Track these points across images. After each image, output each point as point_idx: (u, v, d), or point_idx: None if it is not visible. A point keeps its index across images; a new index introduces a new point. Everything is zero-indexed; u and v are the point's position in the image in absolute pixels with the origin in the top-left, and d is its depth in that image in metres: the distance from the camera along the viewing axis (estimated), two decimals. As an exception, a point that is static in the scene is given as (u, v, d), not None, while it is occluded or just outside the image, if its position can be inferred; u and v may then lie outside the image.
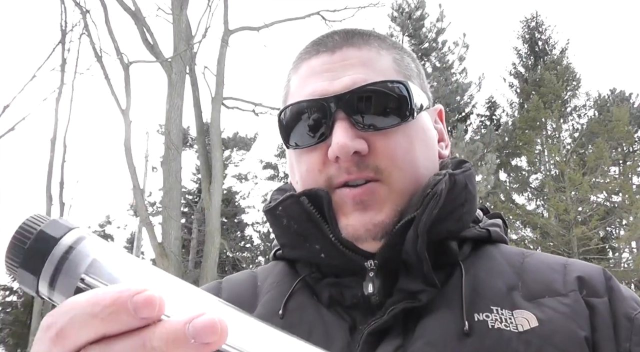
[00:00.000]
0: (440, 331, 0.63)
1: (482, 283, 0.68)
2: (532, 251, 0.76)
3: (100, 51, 11.48)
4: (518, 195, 21.55)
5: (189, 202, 24.34)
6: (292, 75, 0.80)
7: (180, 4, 12.12)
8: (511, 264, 0.72)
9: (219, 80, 12.27)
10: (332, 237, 0.69)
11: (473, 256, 0.73)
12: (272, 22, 13.34)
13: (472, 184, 0.73)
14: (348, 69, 0.72)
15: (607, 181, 19.08)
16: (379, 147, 0.70)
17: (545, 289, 0.68)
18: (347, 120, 0.69)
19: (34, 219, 0.40)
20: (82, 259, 0.38)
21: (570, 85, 22.47)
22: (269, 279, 0.78)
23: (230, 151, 25.86)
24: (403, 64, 0.78)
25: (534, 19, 25.56)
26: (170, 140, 11.02)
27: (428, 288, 0.67)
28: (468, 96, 19.47)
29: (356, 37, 0.77)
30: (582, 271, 0.70)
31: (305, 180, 0.73)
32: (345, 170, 0.69)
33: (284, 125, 0.75)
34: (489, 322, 0.63)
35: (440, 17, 19.45)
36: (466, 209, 0.73)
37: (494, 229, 0.77)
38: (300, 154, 0.74)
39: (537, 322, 0.63)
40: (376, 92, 0.71)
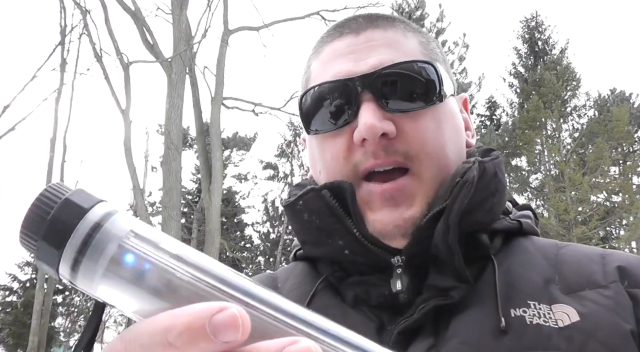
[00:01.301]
0: (475, 329, 0.60)
1: (517, 277, 0.64)
2: (566, 242, 0.73)
3: (100, 51, 11.49)
4: (518, 195, 21.55)
5: (189, 202, 24.34)
6: (313, 60, 0.76)
7: (180, 4, 12.12)
8: (546, 256, 0.68)
9: (218, 80, 12.27)
10: (357, 232, 0.65)
11: (505, 249, 0.69)
12: (271, 22, 13.34)
13: (501, 173, 0.69)
14: (373, 50, 0.69)
15: (607, 181, 19.09)
16: (407, 130, 0.66)
17: (584, 281, 0.63)
18: (374, 102, 0.66)
19: (57, 187, 0.33)
20: (110, 240, 0.32)
21: (570, 85, 22.48)
22: (290, 280, 0.75)
23: (230, 151, 25.87)
24: (429, 47, 0.74)
25: (534, 19, 25.57)
26: (170, 140, 11.02)
27: (460, 284, 0.63)
28: (468, 96, 19.47)
29: (380, 20, 0.74)
30: (622, 260, 0.66)
31: (329, 168, 0.69)
32: (372, 154, 0.65)
33: (305, 110, 0.71)
34: (526, 317, 0.59)
35: (440, 17, 19.47)
36: (497, 199, 0.69)
37: (525, 221, 0.73)
38: (323, 140, 0.70)
39: (578, 316, 0.59)
40: (404, 73, 0.67)
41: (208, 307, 0.29)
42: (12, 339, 22.00)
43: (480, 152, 0.74)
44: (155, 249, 0.32)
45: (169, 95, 11.41)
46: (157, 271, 0.32)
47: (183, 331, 0.28)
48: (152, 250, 0.32)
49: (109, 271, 0.32)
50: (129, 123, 10.72)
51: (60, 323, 26.89)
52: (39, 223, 0.32)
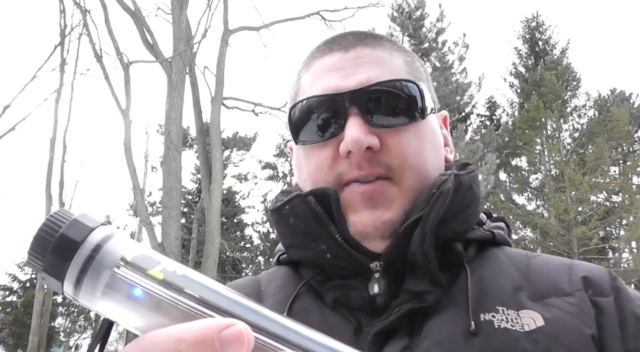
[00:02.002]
0: (447, 331, 0.63)
1: (488, 284, 0.68)
2: (536, 253, 0.76)
3: (100, 51, 11.48)
4: (518, 195, 21.56)
5: (189, 202, 24.33)
6: (303, 73, 0.80)
7: (180, 4, 12.12)
8: (516, 265, 0.72)
9: (218, 80, 12.27)
10: (339, 237, 0.69)
11: (478, 258, 0.73)
12: (271, 22, 13.34)
13: (476, 186, 0.73)
14: (361, 67, 0.73)
15: (607, 181, 19.08)
16: (390, 144, 0.70)
17: (551, 289, 0.68)
18: (360, 116, 0.69)
19: (55, 218, 0.37)
20: (110, 260, 0.36)
21: (570, 85, 22.48)
22: (273, 284, 0.78)
23: (230, 151, 25.86)
24: (414, 66, 0.79)
25: (535, 19, 25.58)
26: (170, 140, 11.02)
27: (434, 289, 0.66)
28: (468, 96, 19.46)
29: (369, 38, 0.78)
30: (587, 271, 0.70)
31: (314, 177, 0.73)
32: (357, 165, 0.69)
33: (294, 121, 0.74)
34: (495, 322, 0.63)
35: (440, 17, 19.46)
36: (471, 210, 0.73)
37: (498, 232, 0.77)
38: (309, 150, 0.74)
39: (543, 321, 0.63)
40: (389, 91, 0.71)
41: (218, 323, 0.32)
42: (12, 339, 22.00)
43: (457, 166, 0.77)
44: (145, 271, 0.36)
45: (169, 95, 11.41)
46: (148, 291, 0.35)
47: (194, 343, 0.31)
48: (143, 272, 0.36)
49: (108, 289, 0.35)
50: (129, 123, 10.72)
51: (60, 323, 26.87)
52: (43, 249, 0.36)
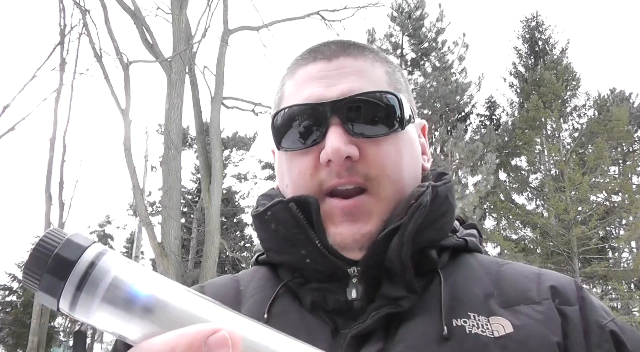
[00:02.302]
0: (420, 336, 0.66)
1: (461, 290, 0.71)
2: (507, 261, 0.80)
3: (100, 51, 11.48)
4: (518, 195, 21.55)
5: (189, 202, 24.33)
6: (287, 80, 0.82)
7: (180, 4, 12.12)
8: (488, 272, 0.75)
9: (218, 80, 12.27)
10: (319, 243, 0.71)
11: (451, 265, 0.76)
12: (271, 22, 13.35)
13: (452, 196, 0.77)
14: (344, 77, 0.75)
15: (607, 181, 19.08)
16: (370, 155, 0.72)
17: (520, 297, 0.71)
18: (341, 126, 0.71)
19: (49, 238, 0.39)
20: (104, 276, 0.38)
21: (570, 85, 22.47)
22: (252, 284, 0.80)
23: (230, 151, 25.86)
24: (394, 77, 0.81)
25: (535, 19, 25.57)
26: (170, 140, 11.02)
27: (409, 295, 0.69)
28: (468, 96, 19.44)
29: (352, 48, 0.80)
30: (555, 280, 0.74)
31: (296, 184, 0.75)
32: (337, 174, 0.71)
33: (277, 128, 0.77)
34: (467, 327, 0.66)
35: (440, 17, 19.45)
36: (447, 220, 0.76)
37: (470, 239, 0.80)
38: (292, 157, 0.76)
39: (512, 328, 0.66)
40: (370, 102, 0.73)
41: (205, 330, 0.36)
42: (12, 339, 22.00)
43: (434, 175, 0.81)
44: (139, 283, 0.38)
45: (169, 95, 11.41)
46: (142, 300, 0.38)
47: (185, 350, 0.35)
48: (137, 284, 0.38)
49: (103, 303, 0.37)
50: (129, 123, 10.71)
51: (60, 323, 26.86)
52: (39, 268, 0.37)
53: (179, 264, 10.32)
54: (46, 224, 15.58)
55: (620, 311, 16.96)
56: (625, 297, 17.38)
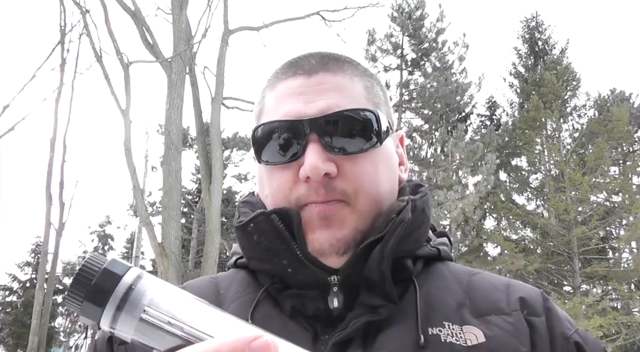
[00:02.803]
0: (398, 344, 0.69)
1: (435, 299, 0.74)
2: (477, 270, 0.83)
3: (100, 51, 11.47)
4: (518, 195, 21.54)
5: (189, 202, 24.33)
6: (268, 93, 0.83)
7: (180, 4, 12.11)
8: (459, 281, 0.78)
9: (218, 80, 12.27)
10: (300, 253, 0.73)
11: (425, 273, 0.79)
12: (271, 22, 13.34)
13: (428, 208, 0.80)
14: (323, 94, 0.76)
15: (607, 181, 19.06)
16: (347, 171, 0.74)
17: (491, 307, 0.74)
18: (319, 143, 0.73)
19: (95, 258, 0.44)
20: (142, 297, 0.42)
21: (570, 85, 22.46)
22: (233, 288, 0.82)
23: (230, 151, 25.85)
24: (373, 92, 0.82)
25: (534, 19, 25.57)
26: (170, 140, 11.01)
27: (387, 303, 0.71)
28: (468, 96, 19.44)
29: (331, 63, 0.81)
30: (523, 292, 0.77)
31: (275, 197, 0.77)
32: (315, 191, 0.73)
33: (257, 141, 0.78)
34: (441, 336, 0.69)
35: (440, 17, 19.44)
36: (422, 231, 0.80)
37: (442, 248, 0.83)
38: (271, 170, 0.78)
39: (484, 337, 0.69)
40: (348, 119, 0.75)
41: (248, 335, 0.39)
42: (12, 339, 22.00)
43: (410, 187, 0.84)
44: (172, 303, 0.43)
45: (169, 95, 11.40)
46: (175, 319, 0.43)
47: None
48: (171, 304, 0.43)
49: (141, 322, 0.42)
50: (129, 123, 10.71)
51: (60, 323, 26.87)
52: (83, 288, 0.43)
53: (179, 264, 10.32)
54: (46, 224, 15.58)
55: (620, 311, 16.94)
56: (625, 297, 17.36)
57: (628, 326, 15.58)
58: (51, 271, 16.22)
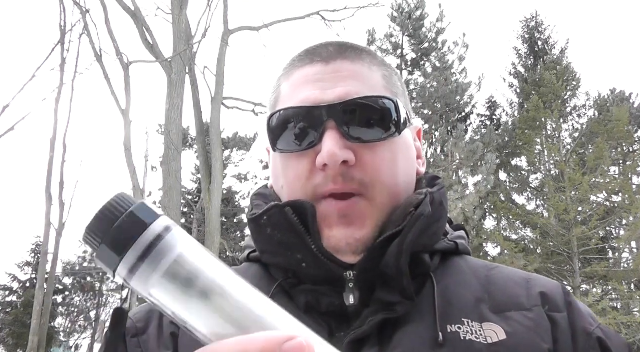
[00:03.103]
0: (415, 341, 0.67)
1: (453, 295, 0.72)
2: (495, 264, 0.81)
3: (100, 51, 11.48)
4: (518, 195, 21.53)
5: (189, 202, 24.33)
6: (283, 81, 0.81)
7: (180, 4, 12.12)
8: (477, 276, 0.76)
9: (218, 80, 12.27)
10: (314, 248, 0.71)
11: (442, 268, 0.77)
12: (271, 22, 13.35)
13: (445, 201, 0.78)
14: (341, 81, 0.74)
15: (607, 181, 19.06)
16: (365, 160, 0.72)
17: (511, 303, 0.72)
18: (337, 130, 0.71)
19: (122, 199, 0.38)
20: (170, 251, 0.37)
21: (570, 85, 22.46)
22: None
23: (230, 151, 25.85)
24: (391, 81, 0.80)
25: (534, 19, 25.56)
26: (170, 140, 11.01)
27: (404, 300, 0.69)
28: (468, 96, 19.43)
29: (350, 51, 0.79)
30: (544, 286, 0.75)
31: (291, 187, 0.75)
32: (332, 179, 0.71)
33: (273, 129, 0.76)
34: (461, 333, 0.67)
35: (440, 17, 19.44)
36: (440, 225, 0.77)
37: (461, 242, 0.81)
38: (287, 159, 0.75)
39: (504, 335, 0.67)
40: (367, 106, 0.73)
41: (280, 336, 0.34)
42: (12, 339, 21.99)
43: (427, 180, 0.82)
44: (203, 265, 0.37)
45: (169, 95, 11.41)
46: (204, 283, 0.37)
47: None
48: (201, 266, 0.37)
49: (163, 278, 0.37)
50: (129, 123, 10.72)
51: (60, 323, 26.87)
52: (104, 229, 0.37)
53: (179, 264, 10.31)
54: (46, 224, 15.57)
55: (620, 311, 16.94)
56: (625, 297, 17.36)
57: (628, 326, 15.57)
58: (51, 271, 16.22)
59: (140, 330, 0.75)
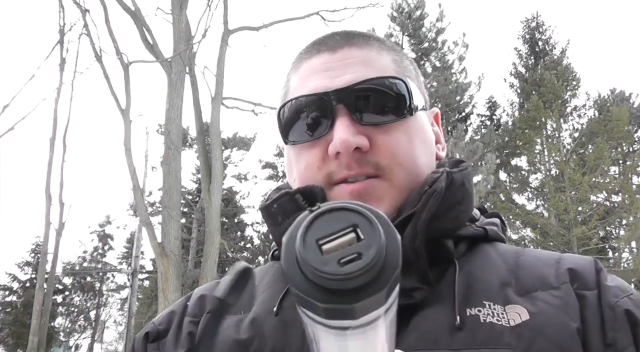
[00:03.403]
0: (433, 326, 0.64)
1: (476, 279, 0.68)
2: (528, 249, 0.76)
3: (99, 51, 11.48)
4: (518, 195, 21.55)
5: (189, 202, 24.33)
6: (292, 75, 0.80)
7: (180, 4, 12.12)
8: (505, 261, 0.72)
9: (218, 80, 12.26)
10: None
11: (468, 254, 0.73)
12: (271, 22, 13.34)
13: (469, 183, 0.73)
14: (349, 68, 0.72)
15: (607, 180, 19.08)
16: (379, 144, 0.69)
17: (538, 283, 0.67)
18: (348, 116, 0.69)
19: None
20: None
21: (570, 85, 22.47)
22: (266, 279, 0.79)
23: (230, 151, 25.86)
24: (402, 65, 0.78)
25: (534, 19, 25.58)
26: (170, 140, 11.01)
27: (422, 286, 0.67)
28: (468, 96, 19.43)
29: (357, 38, 0.77)
30: (573, 263, 0.70)
31: (303, 177, 0.73)
32: (346, 166, 0.69)
33: (283, 121, 0.75)
34: (480, 316, 0.64)
35: (440, 17, 19.45)
36: (463, 208, 0.72)
37: (490, 228, 0.76)
38: (299, 150, 0.74)
39: (528, 315, 0.63)
40: (377, 89, 0.71)
41: None
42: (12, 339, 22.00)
43: (450, 163, 0.77)
44: None
45: (169, 95, 11.40)
46: None
47: None
48: None
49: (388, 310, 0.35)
50: (129, 123, 10.72)
51: (60, 323, 26.87)
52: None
53: (179, 264, 10.31)
54: (46, 224, 15.58)
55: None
56: (625, 297, 17.37)
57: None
58: (51, 271, 16.23)
59: (161, 333, 0.75)
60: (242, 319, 0.71)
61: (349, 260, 0.32)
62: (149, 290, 23.36)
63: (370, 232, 0.33)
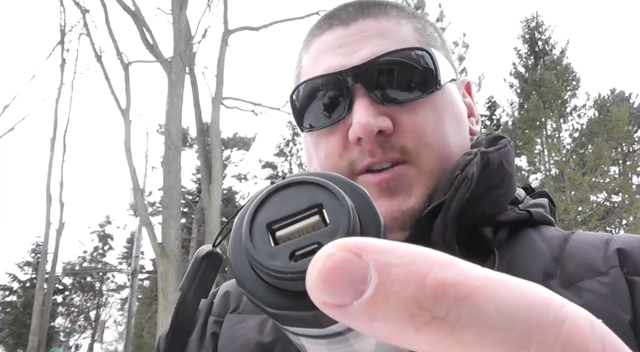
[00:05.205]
0: None
1: (516, 269, 0.61)
2: (577, 233, 0.67)
3: (100, 51, 11.49)
4: (518, 195, 21.55)
5: (189, 202, 24.33)
6: (304, 55, 0.73)
7: (180, 4, 12.12)
8: (551, 248, 0.64)
9: (218, 80, 12.27)
10: None
11: (510, 242, 0.65)
12: (271, 22, 13.34)
13: (508, 162, 0.65)
14: (365, 42, 0.65)
15: (607, 180, 19.08)
16: (404, 124, 0.63)
17: (584, 270, 0.59)
18: (367, 96, 0.63)
19: None
20: None
21: (570, 85, 22.47)
22: None
23: (230, 151, 25.87)
24: (425, 33, 0.70)
25: (534, 19, 25.58)
26: (170, 140, 11.02)
27: None
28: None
29: (372, 7, 0.69)
30: (623, 242, 0.61)
31: (324, 167, 0.67)
32: (369, 152, 0.62)
33: (297, 106, 0.68)
34: None
35: (440, 17, 19.45)
36: (502, 191, 0.65)
37: (535, 210, 0.68)
38: (317, 137, 0.67)
39: None
40: (397, 62, 0.63)
41: None
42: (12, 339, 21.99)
43: (487, 140, 0.70)
44: None
45: (169, 95, 11.41)
46: None
47: None
48: None
49: None
50: (129, 123, 10.72)
51: (60, 323, 26.87)
52: None
53: (179, 264, 10.31)
54: (46, 224, 15.59)
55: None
56: (625, 297, 17.39)
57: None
58: (51, 271, 16.23)
59: None
60: (266, 320, 0.67)
61: (305, 252, 0.23)
62: (149, 290, 23.38)
63: (338, 215, 0.24)
